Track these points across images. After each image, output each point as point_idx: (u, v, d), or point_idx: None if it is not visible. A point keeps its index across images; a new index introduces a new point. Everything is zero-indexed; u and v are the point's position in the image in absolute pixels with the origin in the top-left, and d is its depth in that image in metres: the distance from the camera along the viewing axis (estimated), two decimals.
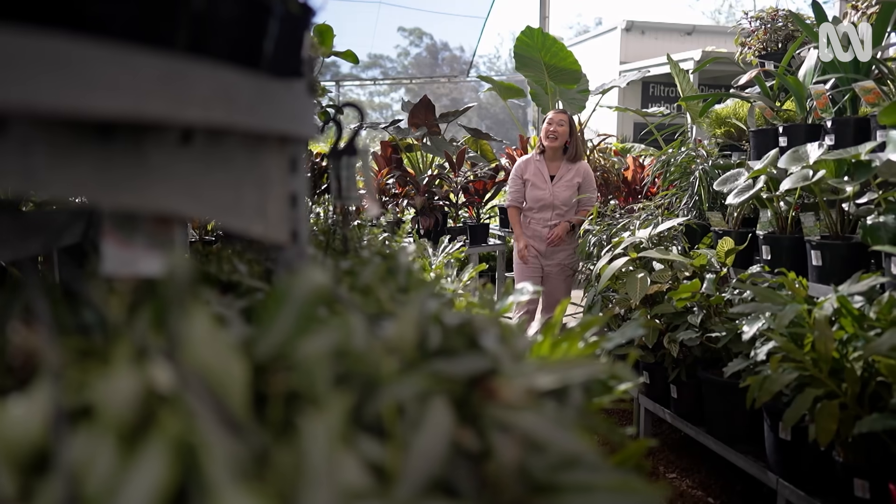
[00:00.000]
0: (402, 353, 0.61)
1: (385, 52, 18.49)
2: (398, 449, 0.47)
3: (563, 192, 3.45)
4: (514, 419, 0.53)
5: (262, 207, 0.63)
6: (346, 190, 1.08)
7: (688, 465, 2.67)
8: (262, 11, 0.62)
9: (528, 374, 0.57)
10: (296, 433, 0.36)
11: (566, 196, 3.45)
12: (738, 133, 2.98)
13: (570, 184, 3.47)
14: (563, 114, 3.46)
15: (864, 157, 2.01)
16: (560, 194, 3.46)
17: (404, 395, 0.49)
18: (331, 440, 0.36)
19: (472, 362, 0.60)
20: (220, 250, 1.27)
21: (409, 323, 0.62)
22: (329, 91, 2.46)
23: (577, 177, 3.47)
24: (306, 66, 0.81)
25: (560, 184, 3.46)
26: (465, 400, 0.58)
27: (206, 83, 0.48)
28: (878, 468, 1.69)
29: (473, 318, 0.67)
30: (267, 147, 0.64)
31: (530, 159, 3.56)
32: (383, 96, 23.41)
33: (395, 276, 0.98)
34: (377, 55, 19.23)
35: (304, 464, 0.34)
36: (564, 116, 3.44)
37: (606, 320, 2.88)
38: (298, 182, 0.76)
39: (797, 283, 2.01)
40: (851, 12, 2.47)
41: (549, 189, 3.46)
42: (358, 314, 0.61)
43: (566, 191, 3.46)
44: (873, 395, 1.64)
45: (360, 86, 19.24)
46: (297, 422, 0.36)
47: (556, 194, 3.46)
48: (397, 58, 22.18)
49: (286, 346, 0.47)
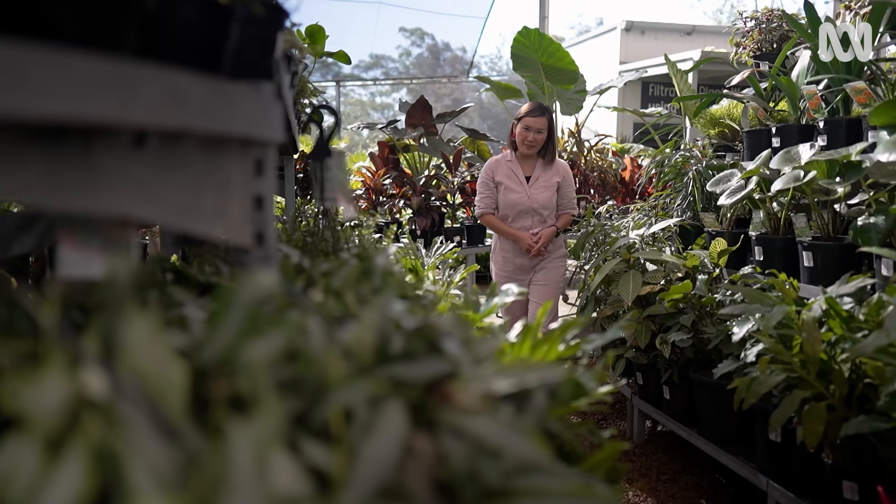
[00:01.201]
0: (360, 356, 0.61)
1: (387, 52, 18.48)
2: (344, 454, 0.47)
3: (541, 193, 3.03)
4: (467, 424, 0.53)
5: (222, 210, 0.63)
6: (327, 191, 1.08)
7: (681, 466, 2.66)
8: (220, 15, 0.62)
9: (485, 379, 0.57)
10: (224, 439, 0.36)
11: (545, 198, 3.04)
12: (732, 134, 2.97)
13: (549, 184, 3.05)
14: (542, 118, 2.96)
15: (855, 158, 2.00)
16: (538, 196, 3.03)
17: (353, 399, 0.49)
18: (260, 446, 0.35)
19: (431, 366, 0.60)
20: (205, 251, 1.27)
21: (369, 327, 0.61)
22: (322, 92, 2.45)
23: (555, 176, 3.06)
24: (278, 67, 0.81)
25: (537, 185, 3.04)
26: (423, 404, 0.57)
27: (154, 86, 0.48)
28: (866, 470, 1.69)
29: (435, 321, 0.66)
30: (228, 150, 0.64)
31: (500, 160, 3.12)
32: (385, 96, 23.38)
33: (370, 278, 0.98)
34: (379, 55, 19.18)
35: (228, 470, 0.34)
36: (544, 122, 2.97)
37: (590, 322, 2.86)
38: (265, 185, 0.75)
39: (788, 284, 2.00)
40: (845, 12, 2.46)
41: (526, 191, 3.03)
42: (315, 317, 0.61)
43: (545, 192, 3.04)
44: (861, 397, 1.63)
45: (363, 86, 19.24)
46: (225, 427, 0.36)
47: (535, 197, 3.03)
48: (399, 58, 22.12)
49: (231, 351, 0.46)
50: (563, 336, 1.16)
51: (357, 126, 4.95)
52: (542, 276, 3.12)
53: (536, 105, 2.99)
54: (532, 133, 2.96)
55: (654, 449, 2.82)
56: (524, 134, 2.97)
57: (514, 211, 3.05)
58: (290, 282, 0.93)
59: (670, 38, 8.79)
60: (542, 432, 0.65)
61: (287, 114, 1.08)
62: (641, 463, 2.69)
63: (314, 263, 1.12)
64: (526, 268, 3.11)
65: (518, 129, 3.00)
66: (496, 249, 3.22)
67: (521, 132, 2.98)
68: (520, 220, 3.07)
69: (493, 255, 3.24)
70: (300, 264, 1.12)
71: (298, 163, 3.41)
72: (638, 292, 2.49)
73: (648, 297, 2.60)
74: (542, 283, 3.10)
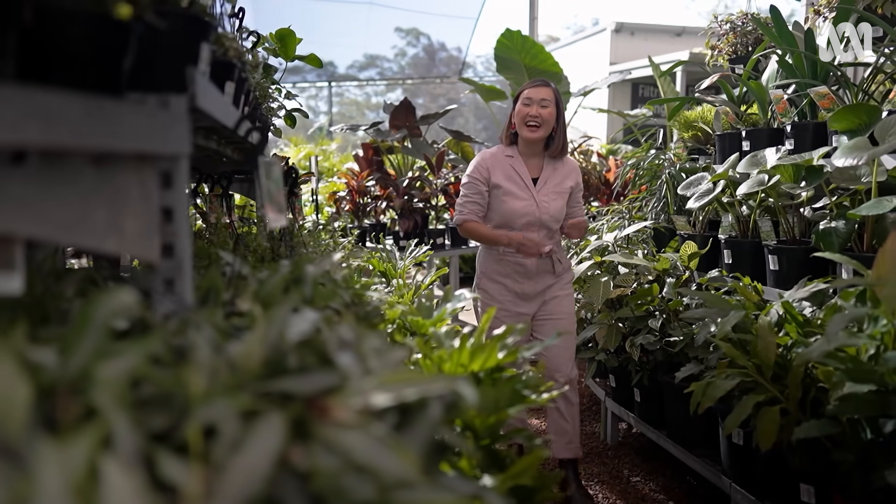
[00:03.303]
0: (247, 370, 0.61)
1: (382, 52, 18.47)
2: (201, 470, 0.47)
3: (552, 201, 2.32)
4: (338, 439, 0.53)
5: (115, 224, 0.64)
6: (271, 196, 1.08)
7: (652, 468, 2.67)
8: (113, 32, 0.62)
9: (365, 393, 0.57)
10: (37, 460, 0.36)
11: (557, 208, 2.32)
12: (705, 137, 2.98)
13: (561, 189, 2.34)
14: (546, 87, 2.28)
15: (817, 163, 2.02)
16: (549, 205, 2.31)
17: (218, 415, 0.50)
18: (71, 467, 0.36)
19: (318, 379, 0.61)
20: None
21: (257, 341, 0.62)
22: (296, 95, 2.46)
23: (567, 179, 2.37)
24: (194, 79, 0.81)
25: (546, 190, 2.33)
26: (305, 418, 0.58)
27: (15, 106, 0.49)
28: (822, 473, 1.70)
29: (326, 333, 0.67)
30: (122, 165, 0.64)
31: (497, 155, 2.36)
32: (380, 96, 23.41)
33: (300, 286, 0.98)
34: (374, 55, 19.19)
35: (34, 490, 0.34)
36: (549, 92, 2.27)
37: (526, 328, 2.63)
38: (175, 197, 0.76)
39: (751, 287, 2.02)
40: (814, 16, 2.48)
41: (534, 198, 2.30)
42: (204, 331, 0.62)
43: (556, 199, 2.33)
44: (814, 401, 1.64)
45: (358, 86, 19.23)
46: (37, 448, 0.37)
47: (544, 205, 2.30)
48: (394, 58, 22.14)
49: (86, 369, 0.47)
50: (502, 342, 1.17)
51: (341, 128, 4.96)
52: (555, 308, 2.38)
53: (535, 78, 2.42)
54: (535, 106, 2.24)
55: (626, 451, 2.83)
56: (524, 110, 2.26)
57: (518, 223, 2.31)
58: (218, 292, 0.94)
59: (660, 39, 8.81)
60: (436, 444, 0.66)
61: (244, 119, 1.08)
62: (613, 465, 2.70)
63: (255, 271, 1.12)
64: (529, 295, 2.36)
65: (516, 108, 2.32)
66: (485, 272, 2.41)
67: (521, 109, 2.28)
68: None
69: (480, 279, 2.44)
70: (240, 272, 1.13)
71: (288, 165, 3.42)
72: (609, 295, 2.50)
73: (620, 299, 2.61)
74: (555, 317, 2.38)
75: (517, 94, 2.36)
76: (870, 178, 1.87)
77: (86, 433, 0.38)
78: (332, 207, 4.88)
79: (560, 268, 2.39)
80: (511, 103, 4.07)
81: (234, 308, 0.94)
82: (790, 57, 2.32)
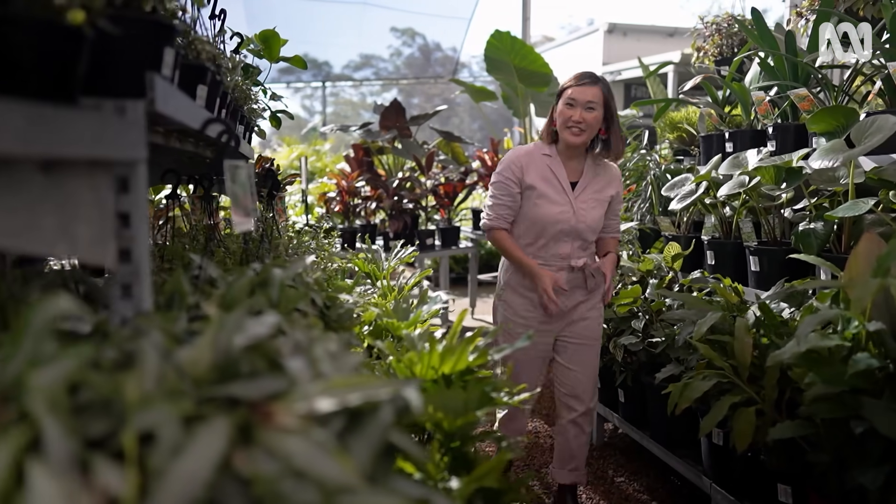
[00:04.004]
0: (196, 376, 0.62)
1: (377, 52, 18.45)
2: (136, 476, 0.48)
3: (591, 210, 2.09)
4: (279, 444, 0.54)
5: (66, 231, 0.64)
6: (237, 200, 1.08)
7: (637, 468, 2.68)
8: (62, 39, 0.63)
9: (309, 398, 0.58)
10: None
11: (595, 217, 2.10)
12: (689, 138, 3.00)
13: (601, 197, 2.11)
14: (593, 87, 2.01)
15: (796, 165, 2.03)
16: (587, 214, 2.08)
17: (155, 421, 0.50)
18: None
19: (266, 384, 0.61)
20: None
21: (206, 346, 0.62)
22: (280, 97, 2.46)
23: (609, 187, 2.14)
24: (153, 84, 0.81)
25: (586, 196, 2.09)
26: (252, 424, 0.58)
27: None
28: (798, 473, 1.71)
29: (280, 338, 0.67)
30: (73, 171, 0.65)
31: (533, 153, 2.11)
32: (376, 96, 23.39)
33: (267, 289, 0.99)
34: (369, 55, 19.21)
35: None
36: (597, 92, 2.01)
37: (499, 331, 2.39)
38: (132, 202, 0.76)
39: (730, 288, 2.03)
40: (796, 18, 2.49)
41: (571, 204, 2.06)
42: (153, 337, 0.62)
43: (595, 208, 2.10)
44: (790, 402, 1.65)
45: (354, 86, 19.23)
46: None
47: (582, 213, 2.07)
48: (390, 58, 22.12)
49: (20, 375, 0.47)
50: (472, 344, 1.18)
51: (331, 128, 4.96)
52: (582, 331, 2.16)
53: (583, 73, 2.09)
54: (580, 110, 2.00)
55: (611, 451, 2.84)
56: (567, 112, 2.02)
57: (551, 231, 2.06)
58: (182, 296, 0.94)
59: (652, 40, 8.82)
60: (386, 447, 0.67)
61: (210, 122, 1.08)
62: (598, 465, 2.71)
63: (228, 274, 1.13)
64: (557, 315, 2.13)
65: (559, 109, 2.07)
66: (509, 283, 2.17)
67: (563, 111, 2.04)
68: (555, 246, 2.09)
69: (504, 290, 2.20)
70: (209, 276, 1.13)
71: (258, 166, 3.42)
72: None
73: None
74: (581, 342, 2.16)
75: (561, 90, 2.10)
76: (848, 179, 1.89)
77: (10, 437, 0.38)
78: (323, 208, 4.88)
79: (592, 283, 2.14)
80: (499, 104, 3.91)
81: (199, 312, 0.95)
82: (771, 59, 2.33)
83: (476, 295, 5.60)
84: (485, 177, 4.76)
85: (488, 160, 4.75)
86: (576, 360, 2.17)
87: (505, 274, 2.22)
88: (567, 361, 2.18)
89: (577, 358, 2.17)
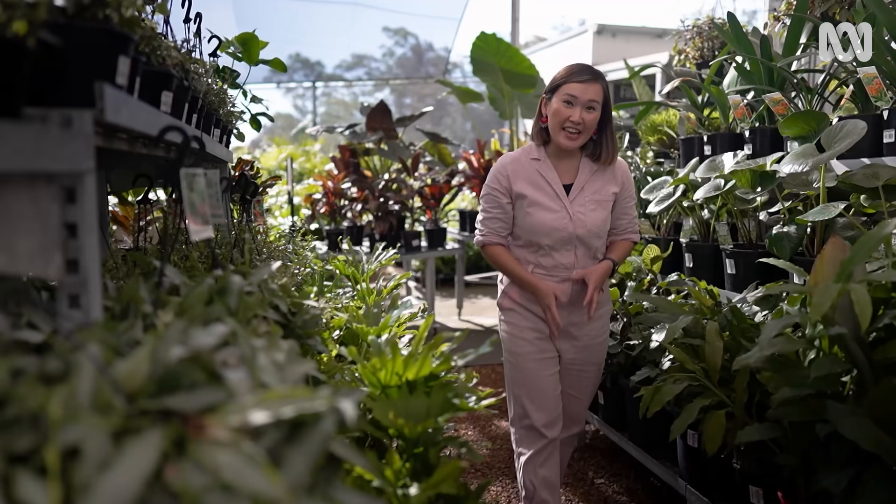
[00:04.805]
0: (133, 388, 0.62)
1: (370, 52, 18.44)
2: (58, 492, 0.48)
3: (591, 212, 1.89)
4: (209, 457, 0.54)
5: (4, 243, 0.64)
6: (193, 208, 1.08)
7: (617, 469, 2.69)
8: None
9: (244, 410, 0.58)
10: None
11: (596, 220, 1.89)
12: (670, 141, 3.01)
13: (603, 197, 1.91)
14: (595, 83, 1.81)
15: (770, 168, 2.04)
16: (587, 217, 1.88)
17: (78, 436, 0.50)
18: None
19: (204, 396, 0.61)
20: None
21: (143, 359, 0.63)
22: (260, 99, 2.46)
23: (611, 183, 1.93)
24: (102, 93, 0.81)
25: (583, 199, 1.89)
26: (186, 437, 0.59)
27: None
28: (769, 475, 1.72)
29: (209, 353, 0.67)
30: (10, 185, 0.65)
31: (520, 159, 1.93)
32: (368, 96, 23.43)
33: (224, 297, 0.99)
34: (361, 55, 19.21)
35: None
36: (599, 90, 1.81)
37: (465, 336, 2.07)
38: (79, 212, 0.76)
39: (705, 291, 2.04)
40: (772, 22, 2.51)
41: (567, 209, 1.87)
42: (87, 350, 0.62)
43: (596, 210, 1.89)
44: (759, 405, 1.66)
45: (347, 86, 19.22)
46: None
47: (579, 218, 1.87)
48: (382, 58, 22.09)
49: None
50: (434, 350, 1.18)
51: (317, 130, 4.95)
52: (587, 356, 1.99)
53: (582, 66, 1.86)
54: (579, 109, 1.80)
55: (592, 453, 2.85)
56: (564, 112, 1.81)
57: (548, 240, 1.88)
58: (138, 304, 0.94)
59: (641, 41, 8.85)
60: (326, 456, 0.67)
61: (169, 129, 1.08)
62: (578, 467, 2.72)
63: (191, 282, 1.12)
64: (563, 330, 1.95)
65: (553, 106, 1.85)
66: (508, 293, 2.00)
67: (559, 109, 1.82)
68: (556, 255, 1.90)
69: (502, 300, 2.02)
70: (173, 283, 1.13)
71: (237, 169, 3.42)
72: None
73: None
74: (582, 368, 2.00)
75: (555, 84, 1.85)
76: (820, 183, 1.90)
77: None
78: (310, 210, 4.87)
79: (600, 297, 1.93)
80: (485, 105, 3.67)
81: (156, 320, 0.95)
82: (747, 63, 2.35)
83: (463, 296, 5.61)
84: (471, 178, 4.77)
85: (475, 161, 4.76)
86: (578, 387, 2.03)
87: (504, 289, 2.02)
88: (569, 387, 2.02)
89: (579, 385, 2.03)
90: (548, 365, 1.95)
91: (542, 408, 1.92)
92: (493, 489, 2.53)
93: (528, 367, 1.92)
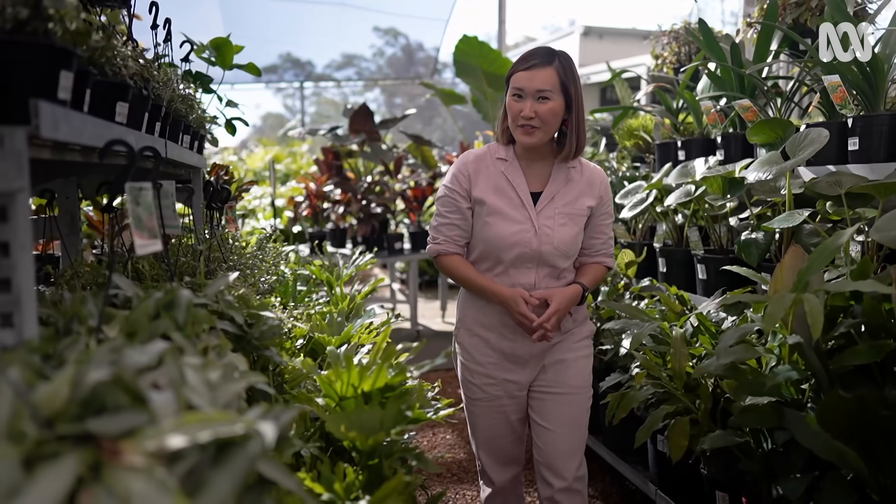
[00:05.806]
0: (53, 412, 0.61)
1: (360, 51, 18.43)
2: None
3: (558, 227, 1.66)
4: (120, 483, 0.54)
5: None
6: (140, 223, 1.07)
7: (593, 472, 2.69)
8: None
9: (162, 435, 0.58)
10: None
11: (565, 237, 1.66)
12: (646, 146, 3.03)
13: (574, 211, 1.68)
14: (544, 68, 1.57)
15: (738, 175, 2.06)
16: (554, 233, 1.65)
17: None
18: None
19: (125, 420, 0.61)
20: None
21: (64, 381, 0.62)
22: (236, 104, 2.45)
23: (586, 196, 1.69)
24: (37, 110, 0.81)
25: (551, 210, 1.67)
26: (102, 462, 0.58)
27: None
28: (734, 481, 1.74)
29: (130, 375, 0.67)
30: None
31: (484, 158, 1.70)
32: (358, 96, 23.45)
33: (173, 311, 0.98)
34: (351, 55, 19.21)
35: None
36: (550, 75, 1.57)
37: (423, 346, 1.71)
38: (11, 231, 0.76)
39: (675, 297, 2.05)
40: (745, 28, 2.53)
41: (532, 220, 1.65)
42: (10, 372, 0.62)
43: (567, 224, 1.67)
44: (724, 412, 1.68)
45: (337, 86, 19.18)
46: None
47: (546, 233, 1.65)
48: (372, 57, 22.08)
49: None
50: (395, 361, 1.18)
51: (299, 132, 4.94)
52: (558, 376, 1.73)
53: (531, 51, 1.63)
54: (528, 101, 1.58)
55: None
56: (514, 107, 1.60)
57: (508, 256, 1.65)
58: (83, 320, 0.93)
59: (628, 43, 8.88)
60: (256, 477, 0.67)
61: (115, 143, 1.07)
62: None
63: (147, 294, 1.12)
64: (522, 358, 1.72)
65: (507, 99, 1.64)
66: (463, 320, 1.77)
67: (510, 104, 1.62)
68: (514, 274, 1.67)
69: (458, 329, 1.79)
70: (126, 296, 1.13)
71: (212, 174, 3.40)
72: None
73: None
74: (559, 391, 1.72)
75: (507, 76, 1.65)
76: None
77: None
78: (292, 212, 4.86)
79: (569, 321, 1.73)
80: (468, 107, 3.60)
81: (102, 335, 0.94)
82: (719, 70, 2.37)
83: (447, 298, 5.62)
84: None
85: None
86: (553, 418, 1.69)
87: (459, 308, 1.79)
88: (542, 419, 1.71)
89: (554, 414, 1.69)
90: (502, 412, 1.73)
91: (492, 454, 1.76)
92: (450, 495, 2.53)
93: (478, 414, 1.74)
